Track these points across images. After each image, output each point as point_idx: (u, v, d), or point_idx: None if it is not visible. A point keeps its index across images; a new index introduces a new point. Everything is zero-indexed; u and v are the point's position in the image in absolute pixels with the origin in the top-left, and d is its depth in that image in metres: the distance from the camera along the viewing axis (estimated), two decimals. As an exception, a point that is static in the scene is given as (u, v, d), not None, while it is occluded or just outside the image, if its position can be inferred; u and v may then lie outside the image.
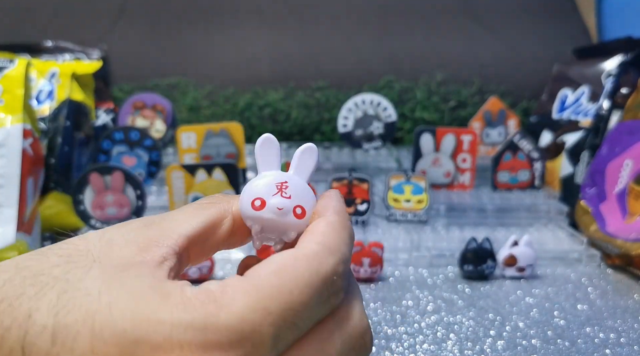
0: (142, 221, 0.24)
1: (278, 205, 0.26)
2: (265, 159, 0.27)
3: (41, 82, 0.76)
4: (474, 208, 0.74)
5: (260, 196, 0.26)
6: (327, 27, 1.03)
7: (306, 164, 0.28)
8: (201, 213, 0.25)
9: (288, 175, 0.27)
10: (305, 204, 0.26)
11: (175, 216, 0.25)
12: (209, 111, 1.00)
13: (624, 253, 0.63)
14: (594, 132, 0.78)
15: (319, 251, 0.23)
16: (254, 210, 0.25)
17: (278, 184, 0.26)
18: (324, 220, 0.25)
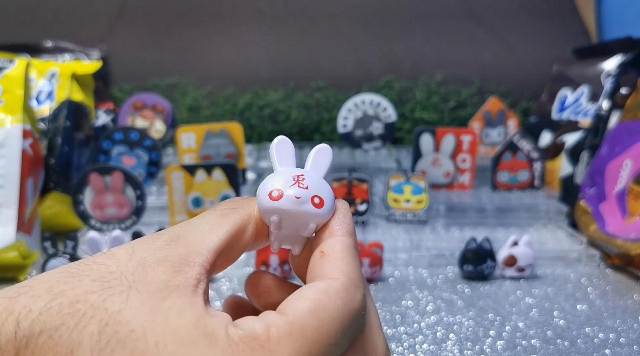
0: (169, 235, 0.24)
1: (296, 194, 0.25)
2: (280, 157, 0.27)
3: (41, 82, 0.76)
4: (473, 208, 0.74)
5: (277, 187, 0.26)
6: (326, 27, 1.03)
7: (321, 161, 0.28)
8: (225, 221, 0.25)
9: (304, 170, 0.27)
10: (323, 195, 0.26)
11: (200, 227, 0.25)
12: (209, 111, 1.00)
13: (623, 253, 0.63)
14: (594, 133, 0.78)
15: (348, 286, 0.23)
16: (271, 201, 0.25)
17: (295, 177, 0.26)
18: (340, 243, 0.25)
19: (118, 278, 0.21)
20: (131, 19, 1.01)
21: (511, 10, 1.04)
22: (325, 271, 0.24)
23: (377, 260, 0.59)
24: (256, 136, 1.01)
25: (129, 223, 0.67)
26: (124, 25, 1.01)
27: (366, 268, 0.59)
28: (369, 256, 0.59)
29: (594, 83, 0.83)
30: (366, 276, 0.59)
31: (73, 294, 0.20)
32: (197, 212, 0.67)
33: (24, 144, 0.64)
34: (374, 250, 0.59)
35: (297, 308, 0.22)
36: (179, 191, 0.67)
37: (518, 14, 1.04)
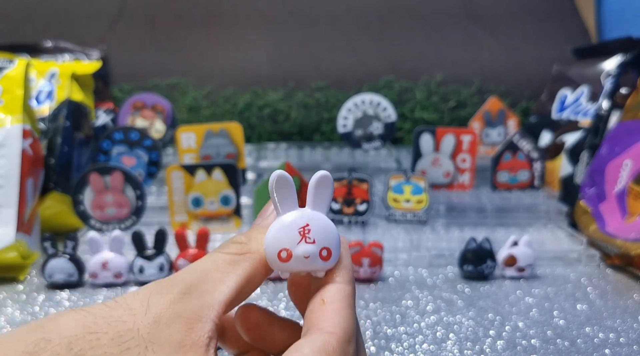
0: (183, 286, 0.24)
1: (304, 254, 0.26)
2: (281, 198, 0.27)
3: (41, 82, 0.76)
4: (473, 208, 0.74)
5: (284, 246, 0.26)
6: (326, 27, 1.03)
7: (323, 195, 0.27)
8: (236, 269, 0.25)
9: (308, 214, 0.27)
10: (330, 244, 0.26)
11: (212, 275, 0.25)
12: (209, 111, 1.00)
13: (623, 253, 0.63)
14: (594, 132, 0.78)
15: (343, 342, 0.24)
16: (281, 262, 0.26)
17: (300, 230, 0.26)
18: (340, 292, 0.26)
19: (135, 337, 0.22)
20: (131, 19, 1.01)
21: (511, 11, 1.04)
22: (323, 322, 0.25)
23: (377, 260, 0.59)
24: (256, 136, 1.01)
25: (129, 223, 0.67)
26: (124, 25, 1.01)
27: (366, 268, 0.59)
28: (369, 256, 0.59)
29: (594, 83, 0.83)
30: (366, 276, 0.60)
31: (93, 353, 0.21)
32: (197, 212, 0.67)
33: (24, 144, 0.64)
34: (374, 250, 0.59)
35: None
36: (179, 191, 0.67)
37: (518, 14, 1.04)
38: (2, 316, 0.52)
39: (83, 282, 0.59)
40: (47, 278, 0.57)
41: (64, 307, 0.54)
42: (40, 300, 0.56)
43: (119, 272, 0.58)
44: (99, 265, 0.58)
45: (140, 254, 0.59)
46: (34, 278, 0.61)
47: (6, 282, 0.59)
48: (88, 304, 0.54)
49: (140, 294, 0.24)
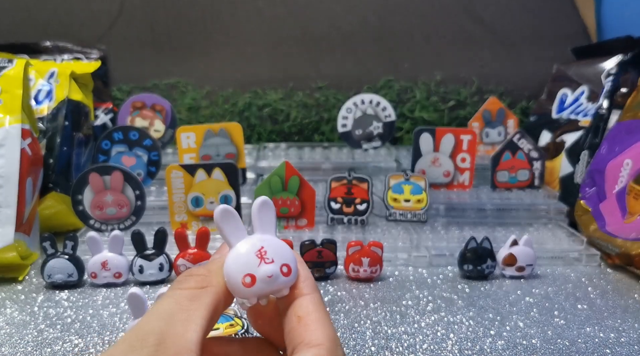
0: (155, 337, 0.24)
1: (267, 274, 0.26)
2: (230, 230, 0.27)
3: (40, 82, 0.76)
4: (473, 208, 0.74)
5: (247, 272, 0.26)
6: (326, 27, 1.03)
7: (267, 218, 0.28)
8: (199, 306, 0.25)
9: (259, 238, 0.27)
10: (287, 259, 0.27)
11: (178, 316, 0.25)
12: (208, 111, 0.99)
13: (623, 253, 0.63)
14: (594, 132, 0.78)
15: (332, 350, 0.25)
16: (246, 288, 0.26)
17: (257, 253, 0.27)
18: (311, 303, 0.26)
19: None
20: (131, 19, 1.01)
21: (511, 10, 1.03)
22: (307, 338, 0.25)
23: (377, 260, 0.59)
24: (256, 135, 1.00)
25: (129, 222, 0.67)
26: (123, 25, 1.01)
27: (366, 268, 0.59)
28: (368, 256, 0.59)
29: (594, 83, 0.83)
30: (366, 275, 0.59)
31: None
32: (197, 212, 0.67)
33: (23, 144, 0.64)
34: (374, 250, 0.59)
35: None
36: (179, 190, 0.67)
37: (517, 13, 1.04)
38: (1, 316, 0.52)
39: (82, 282, 0.59)
40: (46, 278, 0.57)
41: (63, 307, 0.54)
42: (40, 300, 0.55)
43: (118, 272, 0.58)
44: (98, 265, 0.58)
45: (140, 254, 0.58)
46: (33, 278, 0.60)
47: (5, 282, 0.59)
48: (88, 304, 0.55)
49: (115, 353, 0.23)
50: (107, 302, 0.55)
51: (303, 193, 0.67)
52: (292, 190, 0.67)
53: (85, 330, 0.50)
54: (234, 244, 0.27)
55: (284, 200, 0.67)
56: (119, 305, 0.55)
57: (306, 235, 0.66)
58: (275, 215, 0.29)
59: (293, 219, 0.68)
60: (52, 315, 0.52)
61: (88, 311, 0.53)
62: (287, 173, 0.66)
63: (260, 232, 0.28)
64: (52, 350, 0.46)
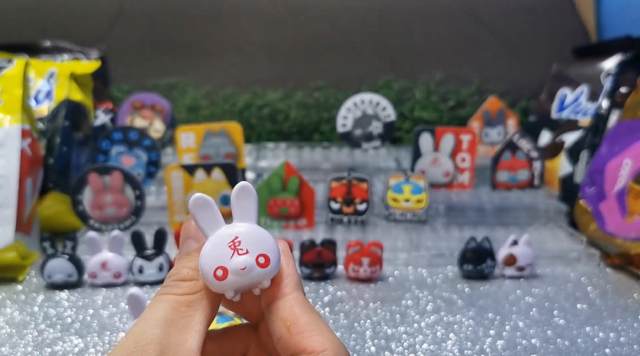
0: (155, 349, 0.23)
1: (239, 266, 0.24)
2: (205, 220, 0.26)
3: (40, 82, 0.76)
4: (473, 208, 0.74)
5: (218, 264, 0.25)
6: (325, 26, 1.03)
7: (246, 205, 0.26)
8: (196, 311, 0.24)
9: (235, 227, 0.26)
10: (265, 249, 0.25)
11: (178, 324, 0.24)
12: (208, 111, 0.99)
13: (623, 252, 0.63)
14: (593, 132, 0.78)
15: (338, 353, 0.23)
16: (219, 281, 0.24)
17: (230, 244, 0.25)
18: (297, 304, 0.25)
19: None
20: (130, 19, 1.01)
21: (510, 10, 1.03)
22: (307, 345, 0.23)
23: (377, 260, 0.59)
24: (255, 135, 1.00)
25: (128, 222, 0.67)
26: (123, 24, 1.01)
27: (366, 268, 0.59)
28: (368, 256, 0.59)
29: (594, 82, 0.83)
30: (366, 275, 0.59)
31: None
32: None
33: (23, 144, 0.64)
34: (374, 250, 0.59)
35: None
36: (178, 190, 0.67)
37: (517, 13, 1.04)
38: (1, 316, 0.52)
39: (82, 282, 0.59)
40: (46, 278, 0.57)
41: (63, 307, 0.54)
42: (40, 300, 0.55)
43: (118, 272, 0.58)
44: (98, 265, 0.58)
45: (140, 254, 0.58)
46: (33, 278, 0.60)
47: (5, 282, 0.59)
48: (87, 304, 0.54)
49: None
50: (107, 302, 0.55)
51: (303, 193, 0.67)
52: (291, 190, 0.67)
53: (85, 330, 0.49)
54: (208, 235, 0.26)
55: (284, 200, 0.67)
56: (118, 305, 0.55)
57: (306, 235, 0.66)
58: (256, 202, 0.27)
59: (293, 219, 0.68)
60: (52, 315, 0.52)
61: (88, 311, 0.53)
62: (287, 173, 0.66)
63: (238, 220, 0.26)
64: (52, 350, 0.46)
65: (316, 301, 0.55)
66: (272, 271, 0.25)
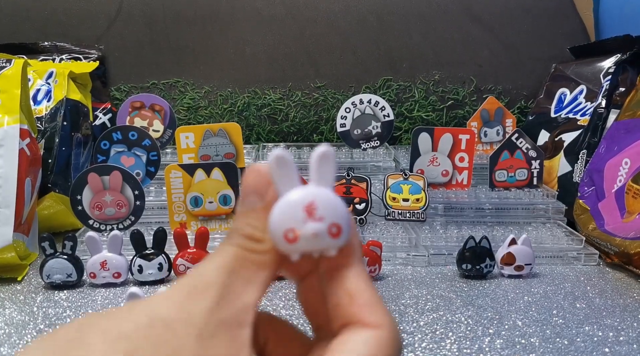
0: (216, 289, 0.22)
1: (313, 232, 0.24)
2: (282, 177, 0.25)
3: (38, 82, 0.76)
4: (472, 207, 0.74)
5: (290, 226, 0.24)
6: (325, 27, 1.03)
7: (326, 171, 0.26)
8: (261, 270, 0.24)
9: (312, 191, 0.25)
10: (339, 220, 0.25)
11: (242, 275, 0.23)
12: (207, 111, 0.99)
13: (622, 252, 0.63)
14: (592, 131, 0.78)
15: (396, 334, 0.23)
16: (288, 243, 0.24)
17: (305, 207, 0.25)
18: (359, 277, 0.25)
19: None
20: (129, 19, 1.01)
21: (509, 9, 1.04)
22: (365, 317, 0.23)
23: (376, 259, 0.59)
24: (255, 135, 1.00)
25: (128, 222, 0.67)
26: (122, 25, 1.01)
27: (365, 267, 0.59)
28: (367, 255, 0.59)
29: (592, 82, 0.83)
30: (365, 275, 0.59)
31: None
32: (196, 211, 0.67)
33: (22, 144, 0.64)
34: (373, 249, 0.59)
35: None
36: (178, 190, 0.67)
37: (516, 12, 1.04)
38: (0, 316, 0.52)
39: (82, 282, 0.59)
40: (45, 278, 0.57)
41: (62, 307, 0.54)
42: (39, 300, 0.55)
43: (117, 272, 0.58)
44: (97, 265, 0.58)
45: (139, 254, 0.58)
46: (32, 279, 0.60)
47: (4, 282, 0.59)
48: (87, 304, 0.55)
49: (172, 300, 0.22)
50: (107, 302, 0.55)
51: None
52: (291, 190, 0.67)
53: (84, 330, 0.49)
54: (283, 193, 0.25)
55: (283, 200, 0.67)
56: (118, 304, 0.55)
57: (305, 235, 0.66)
58: (335, 168, 0.26)
59: (292, 218, 0.68)
60: (51, 315, 0.52)
61: (87, 311, 0.53)
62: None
63: (315, 184, 0.25)
64: (52, 350, 0.46)
65: (315, 301, 0.55)
66: (342, 242, 0.25)
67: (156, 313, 0.21)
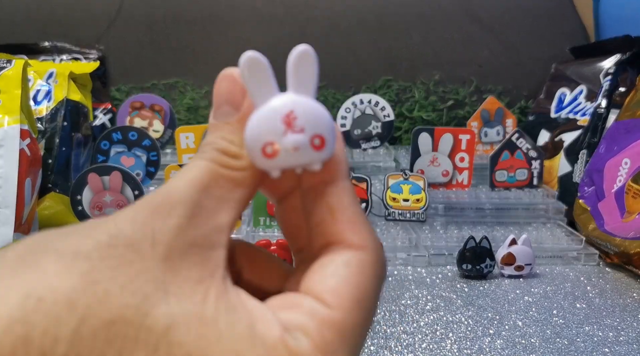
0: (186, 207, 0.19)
1: (293, 145, 0.21)
2: (257, 85, 0.22)
3: (39, 82, 0.76)
4: (472, 207, 0.74)
5: (268, 140, 0.21)
6: (324, 26, 1.03)
7: (306, 75, 0.23)
8: (237, 189, 0.21)
9: (291, 99, 0.22)
10: (322, 130, 0.22)
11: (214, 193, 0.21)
12: (207, 111, 0.99)
13: (622, 252, 0.63)
14: (592, 131, 0.78)
15: (380, 256, 0.21)
16: (267, 158, 0.22)
17: (284, 118, 0.22)
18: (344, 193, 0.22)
19: (150, 280, 0.17)
20: (129, 19, 1.01)
21: (509, 9, 1.04)
22: (347, 237, 0.21)
23: (376, 259, 0.59)
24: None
25: (128, 223, 0.67)
26: (122, 25, 1.01)
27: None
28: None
29: (592, 82, 0.83)
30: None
31: (105, 311, 0.16)
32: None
33: (22, 145, 0.64)
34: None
35: (341, 299, 0.19)
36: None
37: (516, 12, 1.04)
38: (0, 316, 0.52)
39: (82, 282, 0.59)
40: (45, 278, 0.57)
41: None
42: (39, 301, 0.55)
43: (117, 272, 0.58)
44: (97, 265, 0.57)
45: (139, 255, 0.58)
46: (32, 279, 0.60)
47: (5, 283, 0.59)
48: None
49: (136, 218, 0.19)
50: (107, 302, 0.55)
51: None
52: (291, 190, 0.67)
53: (84, 330, 0.49)
54: (259, 104, 0.22)
55: (283, 200, 0.67)
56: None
57: (305, 235, 0.66)
58: (316, 72, 0.23)
59: (292, 219, 0.68)
60: (51, 315, 0.52)
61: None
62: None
63: (294, 91, 0.23)
64: (52, 350, 0.46)
65: (315, 301, 0.55)
66: (326, 155, 0.22)
67: (118, 230, 0.18)
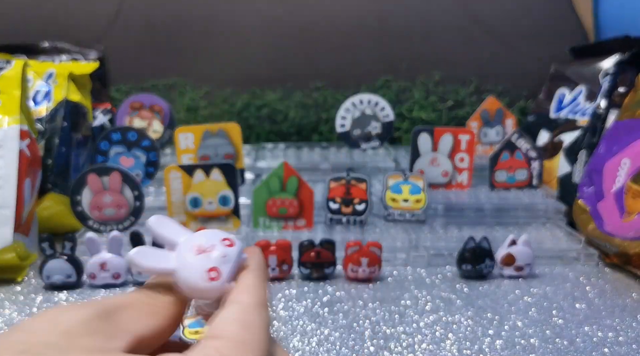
0: (97, 308, 0.22)
1: (221, 254, 0.25)
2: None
3: (38, 83, 0.76)
4: (472, 208, 0.74)
5: (213, 265, 0.24)
6: (324, 26, 1.03)
7: (173, 226, 0.26)
8: (156, 316, 0.24)
9: (186, 236, 0.26)
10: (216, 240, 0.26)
11: (136, 307, 0.23)
12: (207, 112, 0.99)
13: (622, 252, 0.63)
14: (592, 131, 0.78)
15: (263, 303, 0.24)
16: (213, 282, 0.24)
17: (196, 250, 0.25)
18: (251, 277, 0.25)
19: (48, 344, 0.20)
20: (128, 19, 1.01)
21: (509, 10, 1.04)
22: (233, 295, 0.24)
23: (376, 260, 0.59)
24: (254, 136, 1.01)
25: (127, 223, 0.67)
26: (121, 25, 1.01)
27: (364, 268, 0.59)
28: (367, 256, 0.59)
29: (592, 82, 0.83)
30: (364, 275, 0.59)
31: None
32: (196, 212, 0.67)
33: (22, 145, 0.64)
34: (373, 250, 0.59)
35: (228, 329, 0.22)
36: (177, 191, 0.67)
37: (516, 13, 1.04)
38: (0, 317, 0.52)
39: (81, 283, 0.59)
40: (45, 279, 0.57)
41: (62, 308, 0.54)
42: (38, 301, 0.55)
43: (117, 273, 0.58)
44: (97, 266, 0.58)
45: (139, 255, 0.58)
46: (31, 279, 0.60)
47: (4, 283, 0.59)
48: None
49: (42, 316, 0.21)
50: (106, 303, 0.55)
51: (301, 193, 0.67)
52: (290, 190, 0.67)
53: (84, 331, 0.49)
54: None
55: (283, 200, 0.67)
56: (117, 305, 0.55)
57: (305, 235, 0.66)
58: (175, 221, 0.27)
59: (292, 219, 0.68)
60: (51, 316, 0.52)
61: (87, 312, 0.53)
62: (286, 174, 0.66)
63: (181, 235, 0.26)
64: (51, 351, 0.46)
65: (315, 301, 0.55)
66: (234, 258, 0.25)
67: (22, 323, 0.21)
